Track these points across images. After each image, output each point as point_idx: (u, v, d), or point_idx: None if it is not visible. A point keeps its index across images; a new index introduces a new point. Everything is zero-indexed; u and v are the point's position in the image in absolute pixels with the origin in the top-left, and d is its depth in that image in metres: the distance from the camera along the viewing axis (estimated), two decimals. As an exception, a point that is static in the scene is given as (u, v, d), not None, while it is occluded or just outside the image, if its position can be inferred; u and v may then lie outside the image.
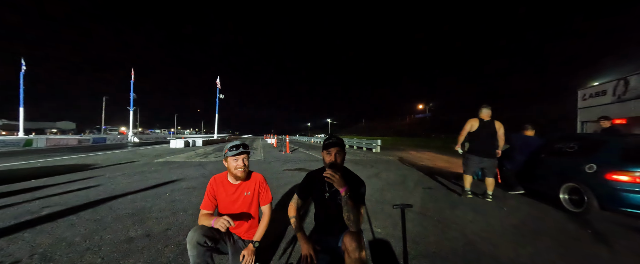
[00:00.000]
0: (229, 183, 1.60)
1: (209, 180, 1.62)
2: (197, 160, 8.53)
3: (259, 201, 1.66)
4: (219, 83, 29.00)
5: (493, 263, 1.83)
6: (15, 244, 2.01)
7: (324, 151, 1.44)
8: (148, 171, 5.90)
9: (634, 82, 9.85)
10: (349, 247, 1.19)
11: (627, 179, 2.62)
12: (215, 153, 11.79)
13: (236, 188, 1.59)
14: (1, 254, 1.85)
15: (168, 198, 3.49)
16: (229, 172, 1.59)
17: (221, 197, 1.59)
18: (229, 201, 1.59)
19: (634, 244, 2.22)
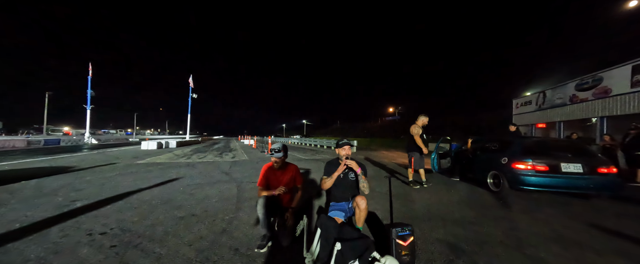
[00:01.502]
0: (274, 170, 2.36)
1: (263, 166, 2.36)
2: (182, 161, 8.64)
3: (295, 182, 2.44)
4: (192, 82, 27.88)
5: (444, 221, 2.85)
6: (86, 225, 2.47)
7: (338, 148, 2.31)
8: (140, 172, 6.06)
9: (549, 94, 12.57)
10: (361, 204, 2.07)
11: (524, 167, 3.94)
12: (197, 154, 11.78)
13: (280, 173, 2.36)
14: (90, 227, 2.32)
15: (186, 192, 3.98)
16: (273, 160, 2.35)
17: (271, 178, 2.35)
18: (276, 181, 2.35)
19: (523, 207, 3.48)
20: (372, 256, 1.75)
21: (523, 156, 4.01)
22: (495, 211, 3.25)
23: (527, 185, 3.87)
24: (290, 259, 1.91)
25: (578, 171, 3.73)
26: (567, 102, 10.99)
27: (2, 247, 2.01)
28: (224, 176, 5.65)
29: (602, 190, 3.74)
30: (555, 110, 11.81)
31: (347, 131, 56.30)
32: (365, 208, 2.09)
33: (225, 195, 3.81)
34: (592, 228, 2.70)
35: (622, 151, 5.92)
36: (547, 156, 3.91)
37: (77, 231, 2.36)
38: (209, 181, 5.00)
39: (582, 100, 10.15)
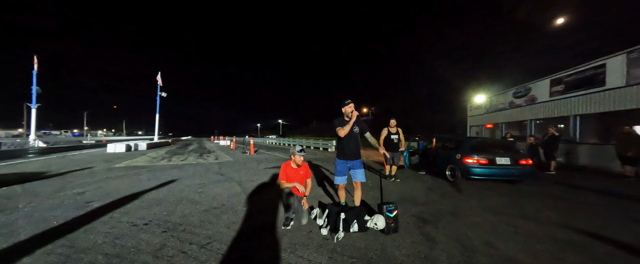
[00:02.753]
0: (292, 167, 2.99)
1: (282, 164, 2.97)
2: (165, 164, 8.57)
3: (306, 176, 3.10)
4: (160, 80, 26.18)
5: (415, 203, 3.77)
6: (124, 218, 2.81)
7: (345, 106, 2.96)
8: (129, 175, 6.07)
9: (494, 100, 14.89)
10: (357, 187, 2.86)
11: (472, 161, 5.14)
12: (175, 156, 11.53)
13: (297, 170, 3.00)
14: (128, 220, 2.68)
15: (194, 191, 4.35)
16: (292, 161, 2.98)
17: (289, 174, 2.97)
18: (294, 176, 2.98)
19: (470, 190, 4.61)
20: (365, 218, 2.58)
21: (471, 153, 5.21)
22: (450, 195, 4.30)
23: (474, 175, 5.07)
24: (309, 233, 2.59)
25: (507, 163, 5.03)
26: (507, 106, 13.28)
27: (64, 238, 2.32)
28: (220, 177, 6.00)
29: (522, 176, 5.09)
30: (499, 113, 14.14)
31: (323, 131, 57.60)
32: (359, 189, 2.91)
33: (233, 192, 4.28)
34: (512, 201, 3.87)
35: (541, 147, 7.70)
36: (487, 153, 5.15)
37: (119, 223, 2.72)
38: (208, 181, 5.35)
39: (518, 106, 12.42)
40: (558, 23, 17.49)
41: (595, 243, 2.41)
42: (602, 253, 2.20)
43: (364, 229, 2.56)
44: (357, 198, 3.02)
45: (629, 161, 6.25)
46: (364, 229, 2.56)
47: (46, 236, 2.39)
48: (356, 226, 2.54)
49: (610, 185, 5.45)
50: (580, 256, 2.14)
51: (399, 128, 5.63)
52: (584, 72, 8.85)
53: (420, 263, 2.00)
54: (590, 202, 3.99)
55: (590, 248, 2.30)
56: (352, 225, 2.54)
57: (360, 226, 2.56)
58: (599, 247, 2.31)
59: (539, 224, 2.88)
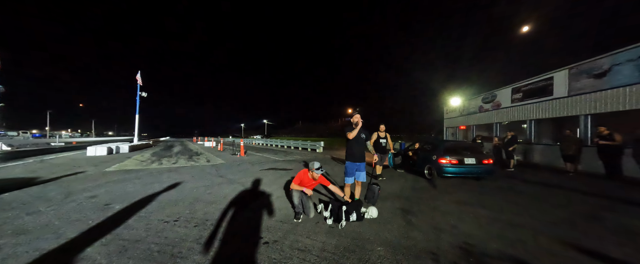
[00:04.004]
0: (309, 178, 3.48)
1: (299, 172, 3.48)
2: (158, 167, 8.67)
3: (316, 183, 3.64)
4: (140, 79, 25.16)
5: (399, 197, 4.51)
6: (152, 217, 3.21)
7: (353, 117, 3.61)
8: (130, 179, 6.24)
9: (467, 104, 16.42)
10: (358, 183, 3.53)
11: (445, 161, 6.04)
12: (163, 159, 11.49)
13: (313, 182, 3.50)
14: (158, 217, 3.09)
15: (203, 192, 4.74)
16: (310, 173, 3.45)
17: (304, 182, 3.44)
18: (307, 185, 3.46)
19: (443, 186, 5.48)
20: (362, 211, 3.24)
21: (444, 155, 6.11)
22: (428, 191, 5.13)
23: (447, 173, 5.97)
24: (317, 223, 3.18)
25: (473, 163, 5.99)
26: (477, 111, 14.80)
27: (110, 233, 2.71)
28: (221, 179, 6.37)
29: (485, 173, 6.09)
30: (471, 116, 15.68)
31: (309, 131, 58.18)
32: (360, 186, 3.65)
33: (240, 193, 4.75)
34: (475, 194, 4.76)
35: (502, 148, 8.94)
36: (457, 154, 6.08)
37: (152, 221, 3.12)
38: (212, 183, 5.72)
39: (486, 110, 13.94)
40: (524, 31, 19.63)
41: (530, 222, 3.27)
42: (532, 229, 3.05)
43: (361, 218, 3.22)
44: (358, 193, 3.69)
45: (570, 159, 7.59)
46: (360, 218, 3.22)
47: (91, 232, 2.75)
48: (355, 215, 3.19)
49: (553, 179, 6.66)
50: (516, 232, 2.96)
51: (387, 133, 6.37)
52: (537, 83, 10.32)
53: (404, 240, 2.69)
54: (533, 193, 5.01)
55: (525, 226, 3.15)
56: (351, 215, 3.18)
57: (358, 216, 3.21)
58: (530, 225, 3.17)
59: (492, 211, 3.73)
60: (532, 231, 2.98)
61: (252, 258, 2.26)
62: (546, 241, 2.70)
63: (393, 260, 2.27)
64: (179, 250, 2.39)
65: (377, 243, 2.63)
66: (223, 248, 2.45)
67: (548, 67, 9.98)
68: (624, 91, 7.09)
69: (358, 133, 3.57)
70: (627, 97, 7.03)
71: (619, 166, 6.52)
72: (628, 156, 6.40)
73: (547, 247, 2.57)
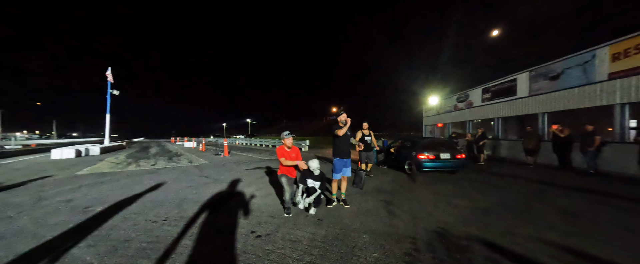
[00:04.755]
0: (286, 149, 3.67)
1: (277, 148, 3.64)
2: (136, 169, 8.30)
3: (297, 159, 3.79)
4: (111, 76, 23.49)
5: (382, 191, 4.81)
6: (139, 218, 3.17)
7: (340, 116, 3.79)
8: (106, 182, 5.96)
9: (443, 103, 17.45)
10: (344, 179, 3.75)
11: (424, 157, 6.50)
12: (141, 161, 10.96)
13: (290, 153, 3.68)
14: (144, 218, 3.06)
15: (189, 192, 4.69)
16: (284, 144, 3.67)
17: (285, 155, 3.62)
18: (288, 157, 3.64)
19: (422, 180, 5.91)
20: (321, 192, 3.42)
21: (422, 151, 6.57)
22: (408, 184, 5.52)
23: (425, 168, 6.41)
24: (306, 217, 3.35)
25: (448, 158, 6.50)
26: (452, 109, 15.83)
27: (96, 235, 2.65)
28: (206, 179, 6.29)
29: (458, 167, 6.64)
30: (446, 115, 16.72)
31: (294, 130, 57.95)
32: (346, 180, 3.87)
33: (228, 192, 4.76)
34: (449, 186, 5.22)
35: (473, 144, 9.73)
36: (434, 150, 6.57)
37: (139, 221, 3.08)
38: (197, 184, 5.65)
39: (460, 109, 14.96)
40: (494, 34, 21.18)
41: (492, 207, 3.71)
42: (495, 213, 3.48)
43: (318, 201, 3.46)
44: (343, 187, 3.91)
45: (530, 152, 8.47)
46: (318, 201, 3.45)
47: (75, 235, 2.68)
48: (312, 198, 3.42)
49: (515, 171, 7.42)
50: (482, 216, 3.36)
51: (370, 131, 6.58)
52: (503, 83, 11.33)
53: (386, 228, 2.95)
54: (498, 183, 5.59)
55: (489, 211, 3.57)
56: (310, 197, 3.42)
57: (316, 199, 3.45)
58: (494, 210, 3.61)
59: (463, 200, 4.16)
60: (494, 214, 3.40)
61: (246, 250, 2.38)
62: (505, 223, 3.11)
63: (377, 245, 2.51)
64: (173, 247, 2.43)
65: (362, 231, 2.86)
66: (217, 243, 2.53)
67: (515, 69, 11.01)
68: (574, 92, 8.07)
69: (346, 131, 3.78)
70: (576, 97, 8.01)
71: (569, 158, 7.44)
72: (577, 149, 7.32)
73: (505, 228, 2.97)
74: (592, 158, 6.69)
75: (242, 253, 2.34)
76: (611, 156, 6.75)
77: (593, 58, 7.45)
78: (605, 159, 6.73)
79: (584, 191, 4.84)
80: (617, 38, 6.80)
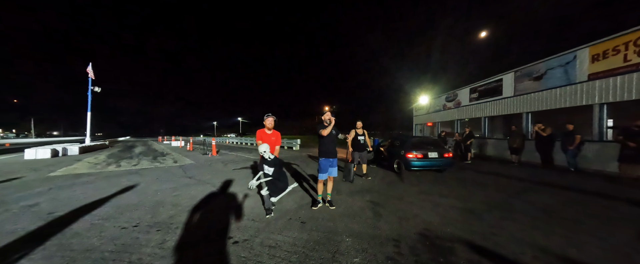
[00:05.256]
0: (266, 132, 3.62)
1: (257, 131, 3.57)
2: (116, 170, 7.90)
3: (276, 142, 3.74)
4: (92, 72, 22.42)
5: (369, 191, 4.74)
6: (108, 224, 2.94)
7: (325, 115, 3.68)
8: (80, 184, 5.60)
9: (432, 103, 17.67)
10: (330, 180, 3.64)
11: (412, 156, 6.49)
12: (122, 161, 10.48)
13: (270, 135, 3.64)
14: (115, 224, 2.83)
15: (168, 194, 4.45)
16: (265, 126, 3.59)
17: (263, 137, 3.57)
18: (268, 140, 3.59)
19: (410, 179, 5.90)
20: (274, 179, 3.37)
21: (411, 150, 6.56)
22: (396, 183, 5.48)
23: (413, 167, 6.41)
24: (289, 220, 3.22)
25: (436, 157, 6.52)
26: (441, 109, 16.06)
27: (53, 243, 2.41)
28: (189, 180, 6.03)
29: (446, 166, 6.67)
30: (436, 114, 16.95)
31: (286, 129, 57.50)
32: (332, 181, 3.76)
33: (211, 194, 4.55)
34: (436, 185, 5.21)
35: (461, 143, 9.87)
36: (422, 149, 6.57)
37: (107, 227, 2.85)
38: (179, 185, 5.39)
39: (449, 108, 15.19)
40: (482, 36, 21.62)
41: (478, 207, 3.70)
42: (479, 213, 3.46)
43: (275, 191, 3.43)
44: (330, 187, 3.79)
45: (515, 151, 8.67)
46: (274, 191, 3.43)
47: (30, 242, 2.44)
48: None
49: (500, 169, 7.56)
50: (467, 216, 3.33)
51: (364, 130, 6.15)
52: (490, 83, 11.55)
53: (371, 230, 2.86)
54: (483, 182, 5.65)
55: (474, 211, 3.55)
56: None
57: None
58: (478, 209, 3.59)
59: (449, 199, 4.14)
60: (479, 214, 3.38)
61: (221, 259, 2.22)
62: (490, 223, 3.09)
63: (360, 249, 2.41)
64: (139, 256, 2.24)
65: (346, 234, 2.76)
66: (189, 251, 2.36)
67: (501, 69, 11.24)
68: (556, 92, 8.30)
69: (331, 131, 3.67)
70: (557, 97, 8.24)
71: (550, 156, 7.64)
72: (558, 148, 7.52)
73: (489, 229, 2.94)
74: (572, 156, 6.89)
75: (216, 262, 2.18)
76: (590, 155, 6.98)
77: (574, 59, 7.66)
78: (585, 157, 6.95)
79: (566, 189, 4.94)
80: (597, 40, 7.01)
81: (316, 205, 3.72)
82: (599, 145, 6.86)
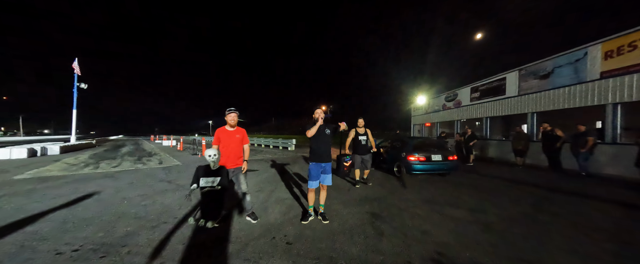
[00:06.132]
0: (227, 130, 3.06)
1: (216, 130, 3.02)
2: (91, 172, 7.21)
3: (243, 141, 3.19)
4: (78, 67, 21.48)
5: (367, 199, 4.19)
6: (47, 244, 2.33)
7: (318, 109, 3.07)
8: (40, 190, 4.93)
9: (431, 103, 17.23)
10: (323, 188, 3.07)
11: (413, 158, 5.96)
12: (103, 162, 9.76)
13: (233, 134, 3.07)
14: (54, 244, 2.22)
15: (135, 203, 3.84)
16: (227, 124, 3.04)
17: (224, 139, 3.01)
18: (229, 142, 3.03)
19: (413, 185, 5.37)
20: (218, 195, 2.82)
21: (413, 152, 6.03)
22: (397, 190, 4.94)
23: (415, 170, 5.88)
24: (272, 239, 2.65)
25: (439, 160, 6.00)
26: (441, 109, 15.62)
27: None
28: (167, 185, 5.41)
29: (450, 170, 6.16)
30: (435, 114, 16.51)
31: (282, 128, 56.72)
32: (326, 190, 3.21)
33: (184, 204, 3.94)
34: (441, 192, 4.69)
35: (463, 144, 9.40)
36: (425, 151, 6.05)
37: (37, 252, 2.24)
38: (152, 191, 4.77)
39: (448, 108, 14.75)
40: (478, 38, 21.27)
41: (495, 221, 3.18)
42: (500, 229, 2.93)
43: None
44: (323, 198, 3.24)
45: (519, 153, 8.22)
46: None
47: None
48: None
49: (507, 173, 7.09)
50: (485, 233, 2.80)
51: (367, 129, 5.23)
52: (492, 83, 11.11)
53: (371, 254, 2.31)
54: (492, 188, 5.14)
55: (491, 226, 3.03)
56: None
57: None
58: (498, 226, 3.07)
59: (461, 211, 3.61)
60: (500, 231, 2.85)
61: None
62: (517, 244, 2.56)
63: (358, 285, 1.85)
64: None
65: (341, 259, 2.20)
66: (132, 290, 1.77)
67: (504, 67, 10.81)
68: (564, 91, 7.87)
69: (320, 129, 3.10)
70: (566, 96, 7.81)
71: (559, 159, 7.20)
72: (566, 151, 7.07)
73: (519, 253, 2.41)
74: (584, 160, 6.45)
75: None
76: (603, 158, 6.55)
77: (585, 57, 7.23)
78: (596, 160, 6.52)
79: (587, 197, 4.46)
80: (610, 35, 6.58)
81: (306, 218, 3.15)
82: (613, 148, 6.43)
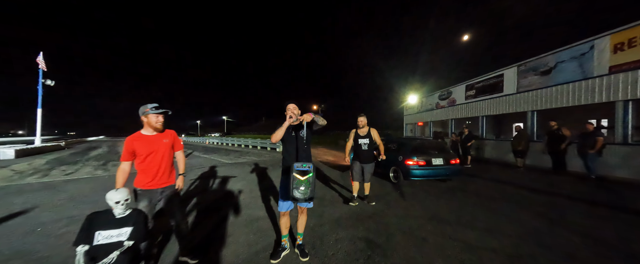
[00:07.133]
0: (146, 136, 2.02)
1: (125, 139, 1.96)
2: (35, 181, 6.05)
3: (174, 148, 2.19)
4: (43, 62, 19.59)
5: (360, 216, 3.39)
6: None
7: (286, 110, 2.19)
8: None
9: (424, 101, 16.74)
10: (302, 213, 2.31)
11: (412, 163, 5.22)
12: (59, 168, 8.50)
13: (155, 138, 2.03)
14: None
15: (52, 229, 2.86)
16: (147, 127, 2.02)
17: (140, 148, 1.96)
18: (151, 150, 1.99)
19: (414, 194, 4.62)
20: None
21: (411, 155, 5.29)
22: (396, 202, 4.17)
23: (414, 176, 5.14)
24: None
25: (441, 164, 5.30)
26: (434, 107, 15.13)
27: None
28: (116, 198, 4.40)
29: (452, 174, 5.47)
30: (428, 113, 16.03)
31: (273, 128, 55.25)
32: (305, 214, 2.37)
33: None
34: (448, 204, 3.96)
35: (460, 145, 8.81)
36: (425, 154, 5.32)
37: None
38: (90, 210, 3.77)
39: (442, 107, 14.27)
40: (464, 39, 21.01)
41: (525, 247, 2.45)
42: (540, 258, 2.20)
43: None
44: (301, 225, 2.38)
45: (520, 154, 7.69)
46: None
47: None
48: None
49: (511, 176, 6.49)
50: None
51: (372, 129, 3.98)
52: (489, 80, 10.62)
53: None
54: (503, 197, 4.47)
55: (522, 257, 2.29)
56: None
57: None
58: (529, 253, 2.33)
59: (475, 231, 2.86)
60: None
61: None
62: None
63: None
64: None
65: None
66: None
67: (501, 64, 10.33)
68: (567, 88, 7.39)
69: (291, 132, 2.25)
70: (570, 93, 7.33)
71: (564, 161, 6.69)
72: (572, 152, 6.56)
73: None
74: (592, 161, 5.94)
75: None
76: (612, 160, 6.07)
77: (591, 50, 6.75)
78: (604, 162, 6.03)
79: (610, 207, 3.85)
80: (621, 27, 6.09)
81: (278, 254, 2.30)
82: (624, 149, 5.96)
